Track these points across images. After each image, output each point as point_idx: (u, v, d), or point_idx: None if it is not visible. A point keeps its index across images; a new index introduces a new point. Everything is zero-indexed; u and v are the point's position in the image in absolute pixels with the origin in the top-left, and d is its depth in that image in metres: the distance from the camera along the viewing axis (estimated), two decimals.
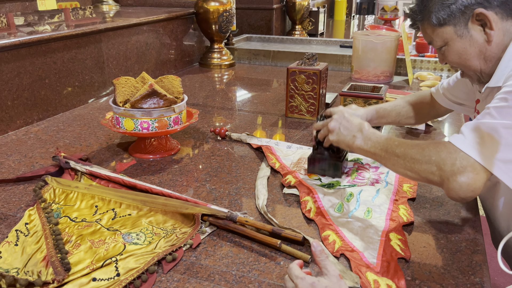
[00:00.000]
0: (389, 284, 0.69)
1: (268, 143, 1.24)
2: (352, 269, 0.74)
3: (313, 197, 0.95)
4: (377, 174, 1.06)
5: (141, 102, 1.12)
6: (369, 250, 0.77)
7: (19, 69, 1.38)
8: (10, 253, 0.78)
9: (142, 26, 1.95)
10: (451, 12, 0.84)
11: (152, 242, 0.81)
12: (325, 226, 0.85)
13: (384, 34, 1.97)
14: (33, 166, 1.14)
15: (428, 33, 0.91)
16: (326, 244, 0.81)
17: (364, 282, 0.70)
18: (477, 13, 0.82)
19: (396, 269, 0.72)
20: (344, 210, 0.90)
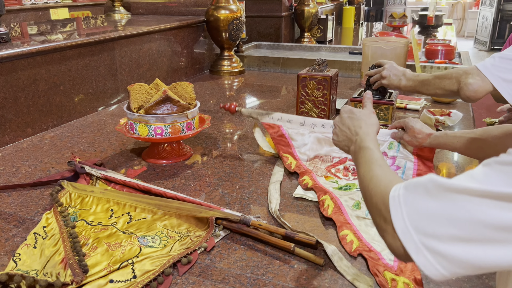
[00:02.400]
0: (407, 283, 0.70)
1: (280, 121, 1.23)
2: (370, 269, 0.74)
3: (331, 195, 0.96)
4: (393, 166, 1.08)
5: (155, 108, 1.14)
6: (387, 251, 0.78)
7: (35, 76, 1.41)
8: (29, 255, 0.79)
9: (154, 34, 1.98)
10: None
11: (167, 245, 0.82)
12: (343, 224, 0.86)
13: (393, 40, 1.98)
14: (48, 171, 1.16)
15: None
16: (343, 244, 0.81)
17: (382, 281, 0.71)
18: None
19: (413, 268, 0.73)
20: (361, 208, 0.91)
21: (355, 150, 0.74)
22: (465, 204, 0.43)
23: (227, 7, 2.22)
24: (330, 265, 0.77)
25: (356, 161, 0.71)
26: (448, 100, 1.73)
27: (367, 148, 0.70)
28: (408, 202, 0.48)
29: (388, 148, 1.14)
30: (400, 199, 0.49)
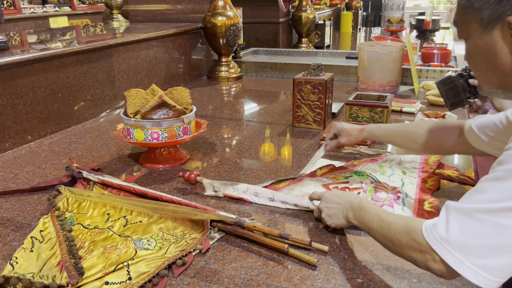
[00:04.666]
0: None
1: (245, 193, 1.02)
2: None
3: None
4: (395, 194, 1.02)
5: (151, 113, 1.15)
6: None
7: (33, 83, 1.43)
8: (25, 258, 0.80)
9: (151, 41, 2.00)
10: None
11: (163, 248, 0.83)
12: None
13: (389, 44, 2.00)
14: (46, 177, 1.17)
15: None
16: None
17: None
18: None
19: None
20: None
21: (355, 213, 0.80)
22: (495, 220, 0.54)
23: (224, 13, 2.24)
24: (323, 265, 0.78)
25: (361, 220, 0.77)
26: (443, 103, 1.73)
27: (368, 206, 0.78)
28: (448, 237, 0.58)
29: (381, 174, 1.11)
30: (437, 238, 0.59)
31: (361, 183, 1.06)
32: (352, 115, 1.45)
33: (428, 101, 1.78)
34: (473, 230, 0.55)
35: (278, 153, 1.32)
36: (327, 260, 0.79)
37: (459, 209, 0.58)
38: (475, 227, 0.55)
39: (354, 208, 0.80)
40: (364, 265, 0.78)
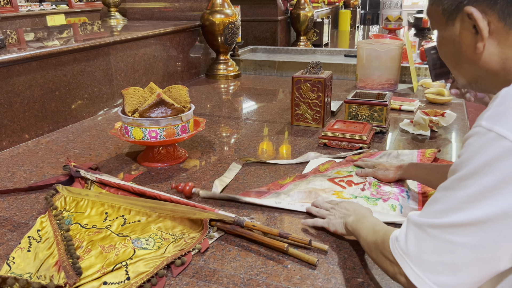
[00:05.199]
0: None
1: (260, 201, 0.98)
2: None
3: None
4: (399, 187, 1.03)
5: (149, 112, 1.14)
6: None
7: (30, 81, 1.42)
8: (23, 258, 0.79)
9: (149, 39, 1.98)
10: None
11: (161, 247, 0.82)
12: None
13: (388, 42, 1.99)
14: (44, 176, 1.16)
15: None
16: None
17: None
18: None
19: None
20: None
21: (355, 219, 0.79)
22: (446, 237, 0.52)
23: (222, 11, 2.23)
24: (323, 264, 0.77)
25: (356, 225, 0.77)
26: (442, 101, 1.73)
27: (370, 216, 0.79)
28: (408, 251, 0.56)
29: None
30: (399, 251, 0.57)
31: (365, 178, 1.07)
32: (351, 113, 1.44)
33: (427, 99, 1.78)
34: (427, 245, 0.53)
35: (277, 152, 1.31)
36: (327, 259, 0.79)
37: (415, 223, 0.55)
38: (428, 242, 0.53)
39: (358, 216, 0.80)
40: (364, 264, 0.77)
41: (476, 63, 0.61)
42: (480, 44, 0.59)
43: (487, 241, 0.49)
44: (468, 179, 0.50)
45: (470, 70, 0.63)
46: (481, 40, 0.58)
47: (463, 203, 0.50)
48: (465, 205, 0.50)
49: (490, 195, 0.48)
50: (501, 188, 0.47)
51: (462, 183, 0.51)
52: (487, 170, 0.48)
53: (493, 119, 0.49)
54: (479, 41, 0.59)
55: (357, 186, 1.03)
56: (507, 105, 0.50)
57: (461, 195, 0.50)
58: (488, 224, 0.48)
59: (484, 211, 0.48)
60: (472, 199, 0.49)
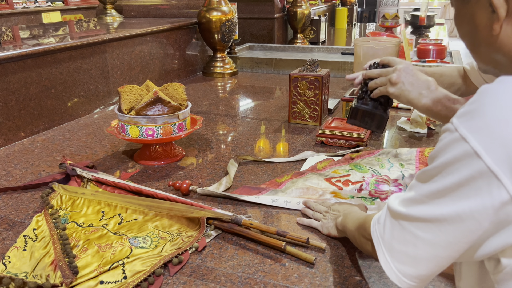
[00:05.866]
0: None
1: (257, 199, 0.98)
2: None
3: None
4: (397, 186, 1.03)
5: (145, 109, 1.14)
6: None
7: (25, 79, 1.41)
8: (18, 258, 0.79)
9: (145, 37, 1.97)
10: None
11: (158, 246, 0.82)
12: None
13: (385, 40, 1.99)
14: (40, 174, 1.16)
15: None
16: None
17: None
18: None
19: None
20: None
21: (343, 217, 0.80)
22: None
23: (219, 8, 2.22)
24: (321, 263, 0.77)
25: (344, 221, 0.79)
26: None
27: (357, 211, 0.81)
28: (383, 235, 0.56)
29: (380, 167, 1.11)
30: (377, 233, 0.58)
31: (363, 177, 1.07)
32: (348, 111, 1.44)
33: None
34: (397, 234, 0.53)
35: (274, 150, 1.31)
36: (324, 258, 0.79)
37: (391, 210, 0.55)
38: (398, 231, 0.53)
39: (345, 214, 0.81)
40: (362, 262, 0.77)
41: (492, 45, 0.55)
42: (497, 25, 0.53)
43: (443, 240, 0.48)
44: (433, 175, 0.49)
45: (487, 53, 0.58)
46: (497, 20, 0.52)
47: (426, 197, 0.50)
48: (428, 200, 0.49)
49: (448, 195, 0.47)
50: (457, 191, 0.46)
51: (429, 177, 0.50)
52: (448, 170, 0.47)
53: (463, 117, 0.47)
54: (495, 21, 0.53)
55: (354, 186, 1.03)
56: (480, 103, 0.46)
57: (426, 189, 0.50)
58: (444, 224, 0.48)
59: (442, 210, 0.48)
60: (434, 196, 0.49)
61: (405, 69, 0.86)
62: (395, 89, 0.86)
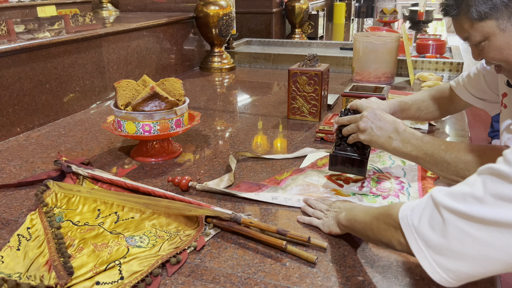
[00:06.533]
0: None
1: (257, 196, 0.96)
2: None
3: None
4: (399, 183, 1.00)
5: (142, 105, 1.11)
6: None
7: (19, 74, 1.38)
8: (12, 257, 0.77)
9: (142, 31, 1.94)
10: (494, 4, 0.75)
11: (156, 245, 0.80)
12: None
13: (384, 35, 1.97)
14: (34, 171, 1.13)
15: (465, 28, 0.81)
16: None
17: None
18: None
19: None
20: None
21: (347, 212, 0.79)
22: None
23: (216, 2, 2.19)
24: (322, 262, 0.75)
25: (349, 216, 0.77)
26: None
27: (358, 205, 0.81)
28: (418, 226, 0.56)
29: (382, 164, 1.10)
30: (409, 221, 0.58)
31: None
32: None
33: None
34: (439, 227, 0.53)
35: (272, 146, 1.29)
36: (326, 257, 0.77)
37: (435, 201, 0.55)
38: (441, 224, 0.53)
39: (347, 209, 0.80)
40: (365, 262, 0.75)
41: None
42: None
43: (500, 243, 0.47)
44: (508, 177, 0.47)
45: None
46: None
47: (491, 197, 0.48)
48: (493, 200, 0.48)
49: None
50: None
51: (500, 178, 0.48)
52: None
53: None
54: None
55: (355, 183, 1.01)
56: None
57: (493, 188, 0.48)
58: (508, 228, 0.47)
59: (510, 214, 0.46)
60: (502, 198, 0.47)
61: (370, 115, 0.89)
62: (365, 136, 0.90)
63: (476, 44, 0.82)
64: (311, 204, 0.91)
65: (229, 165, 1.13)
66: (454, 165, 0.77)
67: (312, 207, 0.90)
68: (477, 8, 0.76)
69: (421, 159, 0.83)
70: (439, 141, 0.82)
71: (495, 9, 0.76)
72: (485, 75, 1.03)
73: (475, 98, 1.08)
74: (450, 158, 0.78)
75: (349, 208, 0.79)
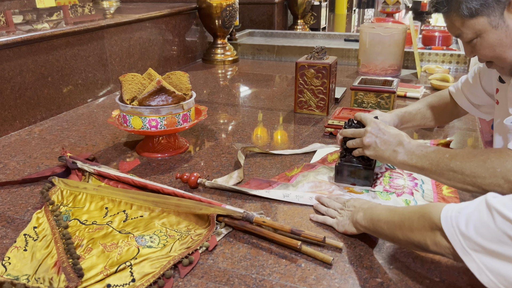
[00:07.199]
0: None
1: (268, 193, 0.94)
2: None
3: None
4: (412, 180, 0.98)
5: (149, 100, 1.08)
6: None
7: (21, 67, 1.34)
8: (19, 259, 0.74)
9: (144, 22, 1.91)
10: (485, 1, 0.74)
11: (167, 245, 0.78)
12: None
13: (391, 26, 1.93)
14: (38, 167, 1.11)
15: (456, 25, 0.80)
16: None
17: None
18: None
19: None
20: None
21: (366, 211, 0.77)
22: None
23: None
24: (338, 263, 0.73)
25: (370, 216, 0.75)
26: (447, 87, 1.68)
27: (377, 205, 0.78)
28: (466, 231, 0.55)
29: None
30: (453, 223, 0.57)
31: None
32: (357, 100, 1.39)
33: (432, 85, 1.73)
34: (490, 233, 0.52)
35: (280, 141, 1.26)
36: (342, 258, 0.75)
37: (489, 204, 0.54)
38: (493, 231, 0.52)
39: (364, 208, 0.78)
40: (383, 263, 0.73)
41: None
42: None
43: None
44: None
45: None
46: None
47: None
48: None
49: None
50: None
51: None
52: None
53: None
54: None
55: None
56: None
57: None
58: None
59: None
60: None
61: (374, 129, 0.88)
62: (370, 151, 0.89)
63: (468, 41, 0.81)
64: (324, 202, 0.89)
65: (237, 161, 1.10)
66: (460, 172, 0.75)
67: (325, 205, 0.88)
68: (468, 4, 0.76)
69: (427, 170, 0.81)
70: (443, 150, 0.80)
71: (486, 5, 0.75)
72: (481, 76, 1.00)
73: (472, 105, 1.05)
74: (455, 166, 0.76)
75: (368, 208, 0.77)
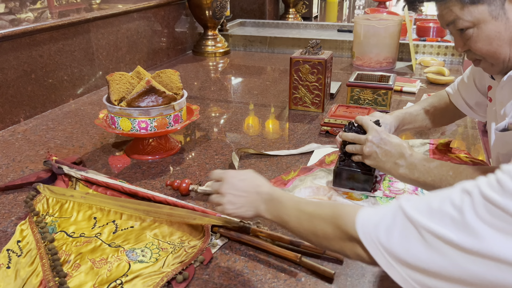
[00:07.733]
0: None
1: None
2: None
3: None
4: None
5: (138, 100, 1.03)
6: None
7: (2, 64, 1.28)
8: (2, 277, 0.70)
9: (132, 14, 1.84)
10: None
11: (159, 259, 0.74)
12: None
13: (386, 18, 1.89)
14: (22, 172, 1.05)
15: (453, 11, 0.73)
16: None
17: None
18: None
19: None
20: None
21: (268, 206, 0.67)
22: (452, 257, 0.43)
23: None
24: (340, 277, 0.70)
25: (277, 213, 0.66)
26: (443, 81, 1.66)
27: (281, 196, 0.66)
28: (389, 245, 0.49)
29: None
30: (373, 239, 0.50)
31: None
32: (353, 97, 1.36)
33: (428, 79, 1.70)
34: (417, 250, 0.46)
35: (275, 140, 1.22)
36: (344, 271, 0.72)
37: (409, 217, 0.47)
38: (419, 247, 0.46)
39: (266, 200, 0.68)
40: (385, 276, 0.70)
41: None
42: None
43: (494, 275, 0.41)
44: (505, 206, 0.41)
45: None
46: None
47: (481, 223, 0.42)
48: (482, 230, 0.41)
49: None
50: None
51: (493, 206, 0.41)
52: None
53: None
54: None
55: None
56: None
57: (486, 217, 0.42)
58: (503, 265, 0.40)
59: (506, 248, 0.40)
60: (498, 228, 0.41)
61: (375, 139, 0.84)
62: (370, 161, 0.85)
63: (462, 30, 0.75)
64: None
65: (231, 163, 1.06)
66: None
67: None
68: None
69: (429, 185, 0.77)
70: (446, 166, 0.76)
71: None
72: (475, 74, 0.96)
73: (468, 107, 1.01)
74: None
75: (269, 200, 0.67)
